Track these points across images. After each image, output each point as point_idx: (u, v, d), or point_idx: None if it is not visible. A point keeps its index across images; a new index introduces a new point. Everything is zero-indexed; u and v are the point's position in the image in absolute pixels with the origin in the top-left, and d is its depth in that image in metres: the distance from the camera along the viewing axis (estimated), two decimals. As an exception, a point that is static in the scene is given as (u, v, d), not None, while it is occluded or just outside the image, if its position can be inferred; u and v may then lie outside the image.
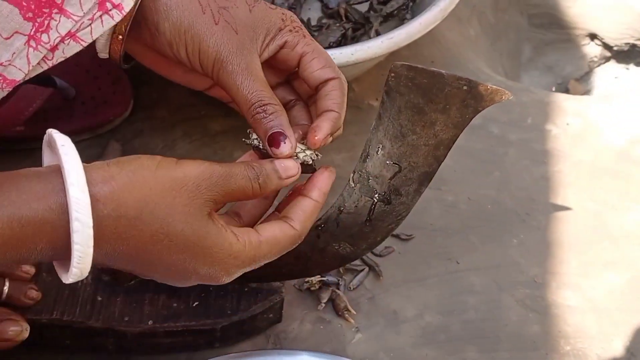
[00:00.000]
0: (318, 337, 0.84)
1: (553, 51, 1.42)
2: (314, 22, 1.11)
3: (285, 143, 0.60)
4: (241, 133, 1.03)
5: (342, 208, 0.68)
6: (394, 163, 0.63)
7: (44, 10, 0.57)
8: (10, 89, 0.59)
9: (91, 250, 0.50)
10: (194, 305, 0.77)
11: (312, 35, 1.08)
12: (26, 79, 0.59)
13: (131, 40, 0.66)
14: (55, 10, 0.58)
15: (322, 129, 0.63)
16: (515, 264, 0.92)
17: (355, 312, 0.86)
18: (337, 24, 1.07)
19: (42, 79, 0.93)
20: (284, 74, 0.70)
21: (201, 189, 0.54)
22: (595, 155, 1.04)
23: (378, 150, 0.63)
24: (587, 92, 1.41)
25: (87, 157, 0.96)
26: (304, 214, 0.61)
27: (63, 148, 0.52)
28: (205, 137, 1.01)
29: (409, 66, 0.57)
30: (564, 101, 1.12)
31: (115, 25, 0.62)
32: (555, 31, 1.42)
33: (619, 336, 0.87)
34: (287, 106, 0.68)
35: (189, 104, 1.04)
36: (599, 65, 1.43)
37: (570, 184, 1.01)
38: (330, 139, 0.64)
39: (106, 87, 0.99)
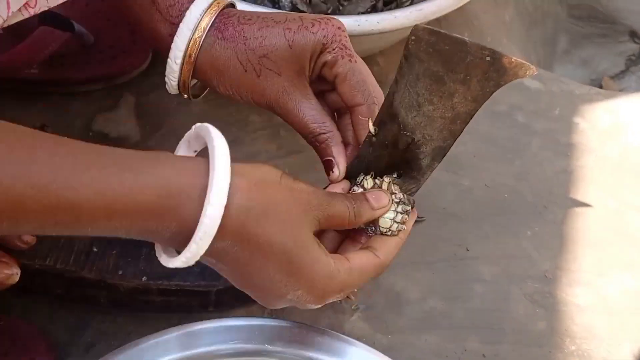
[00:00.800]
0: (316, 311, 0.81)
1: (590, 45, 1.38)
2: (345, -9, 1.08)
3: (333, 172, 0.65)
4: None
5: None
6: (407, 134, 0.60)
7: None
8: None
9: (214, 232, 0.50)
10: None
11: (342, 5, 1.05)
12: (4, 25, 0.58)
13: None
14: None
15: (340, 164, 0.66)
16: (527, 257, 0.89)
17: (356, 289, 0.83)
18: (369, -5, 1.04)
19: (60, 23, 0.91)
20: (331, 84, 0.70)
21: (312, 205, 0.56)
22: (622, 153, 1.00)
23: (392, 120, 0.60)
24: (620, 91, 1.37)
25: (100, 107, 0.96)
26: (387, 246, 0.62)
27: (216, 136, 0.53)
28: (222, 97, 0.98)
29: (431, 30, 0.53)
30: (595, 95, 1.08)
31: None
32: (594, 25, 1.37)
33: (628, 340, 0.84)
34: (339, 112, 0.70)
35: (209, 63, 1.01)
36: (636, 65, 1.39)
37: (593, 180, 0.97)
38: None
39: (126, 36, 0.97)
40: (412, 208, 0.63)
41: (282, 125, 0.97)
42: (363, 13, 1.02)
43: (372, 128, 0.61)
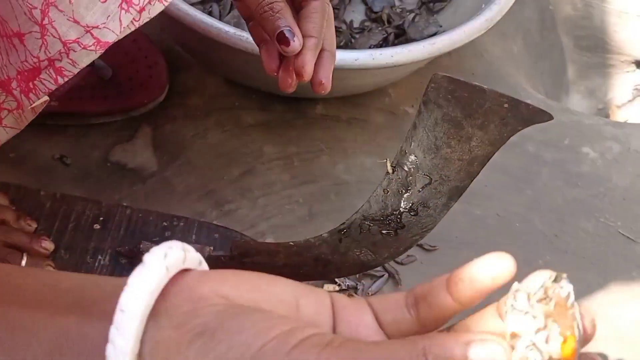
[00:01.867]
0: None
1: (597, 75, 1.40)
2: (356, 24, 1.10)
3: (294, 41, 0.61)
4: (274, 128, 1.03)
5: (367, 215, 0.67)
6: (425, 175, 0.61)
7: None
8: (103, 51, 0.59)
9: None
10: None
11: (354, 37, 1.07)
12: (116, 40, 0.59)
13: None
14: None
15: (307, 62, 0.63)
16: (539, 287, 0.90)
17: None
18: (380, 28, 1.06)
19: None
20: None
21: None
22: (632, 183, 1.02)
23: (410, 161, 0.62)
24: (628, 120, 1.38)
25: (117, 138, 0.98)
26: None
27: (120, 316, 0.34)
28: (237, 128, 1.00)
29: (450, 78, 0.55)
30: (603, 125, 1.09)
31: None
32: (601, 55, 1.39)
33: (639, 371, 0.85)
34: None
35: (224, 94, 1.03)
36: (642, 94, 1.40)
37: (603, 209, 0.99)
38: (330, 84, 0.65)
39: (143, 70, 0.99)
40: None
41: (296, 155, 0.99)
42: (375, 45, 1.04)
43: (389, 168, 0.63)
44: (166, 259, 0.35)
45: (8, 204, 0.80)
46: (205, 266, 0.39)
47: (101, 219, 0.83)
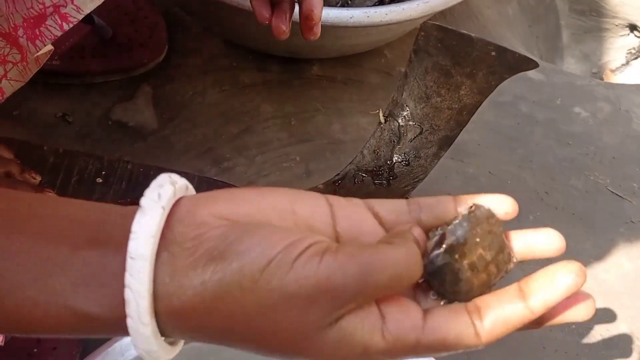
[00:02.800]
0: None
1: (591, 39, 1.41)
2: (353, -15, 1.11)
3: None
4: (271, 87, 1.05)
5: (360, 165, 0.69)
6: (416, 124, 0.64)
7: None
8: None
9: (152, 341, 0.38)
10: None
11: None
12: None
13: None
14: None
15: (316, 5, 0.64)
16: (529, 241, 0.93)
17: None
18: (376, -11, 1.08)
19: (81, 16, 0.94)
20: None
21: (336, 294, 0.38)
22: (621, 142, 1.04)
23: (402, 111, 0.64)
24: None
25: (118, 97, 1.00)
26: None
27: (132, 262, 0.37)
28: (235, 88, 1.02)
29: (439, 26, 0.57)
30: (595, 86, 1.11)
31: None
32: (595, 19, 1.40)
33: (625, 320, 0.87)
34: None
35: (222, 55, 1.05)
36: (636, 58, 1.42)
37: (593, 168, 1.01)
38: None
39: (143, 30, 1.00)
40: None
41: (293, 114, 1.01)
42: (371, 6, 1.05)
43: (382, 118, 0.65)
44: (160, 200, 0.38)
45: (13, 157, 0.82)
46: (192, 190, 0.41)
47: (103, 173, 0.85)
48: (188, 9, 1.03)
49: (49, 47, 0.64)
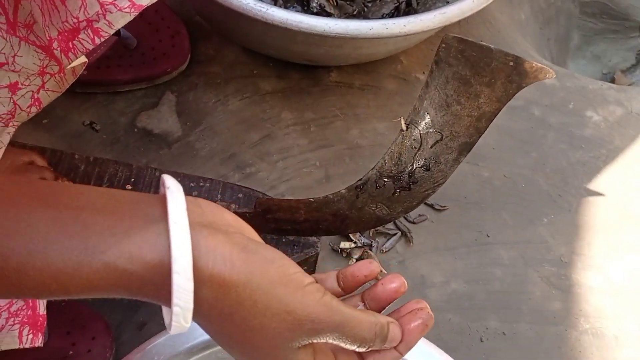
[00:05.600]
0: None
1: (602, 41, 1.44)
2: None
3: None
4: (291, 95, 1.08)
5: (382, 171, 0.72)
6: (436, 131, 0.66)
7: None
8: (137, 14, 0.62)
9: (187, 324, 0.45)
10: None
11: (367, 7, 1.11)
12: (150, 3, 0.63)
13: None
14: None
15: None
16: (544, 242, 0.95)
17: (385, 272, 0.90)
18: (391, -3, 1.10)
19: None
20: None
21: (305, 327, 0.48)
22: (633, 144, 1.06)
23: (423, 118, 0.66)
24: (632, 84, 1.42)
25: (143, 105, 1.03)
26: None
27: (175, 225, 0.44)
28: (255, 95, 1.05)
29: (460, 39, 0.60)
30: (607, 90, 1.14)
31: None
32: (606, 21, 1.43)
33: (635, 319, 0.90)
34: None
35: (242, 63, 1.08)
36: (646, 59, 1.44)
37: (605, 170, 1.03)
38: None
39: (166, 40, 1.04)
40: None
41: (312, 120, 1.04)
42: (387, 15, 1.08)
43: (403, 125, 0.67)
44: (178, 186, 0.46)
45: (46, 165, 0.85)
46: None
47: (132, 180, 0.88)
48: (209, 18, 1.06)
49: (83, 58, 0.67)
